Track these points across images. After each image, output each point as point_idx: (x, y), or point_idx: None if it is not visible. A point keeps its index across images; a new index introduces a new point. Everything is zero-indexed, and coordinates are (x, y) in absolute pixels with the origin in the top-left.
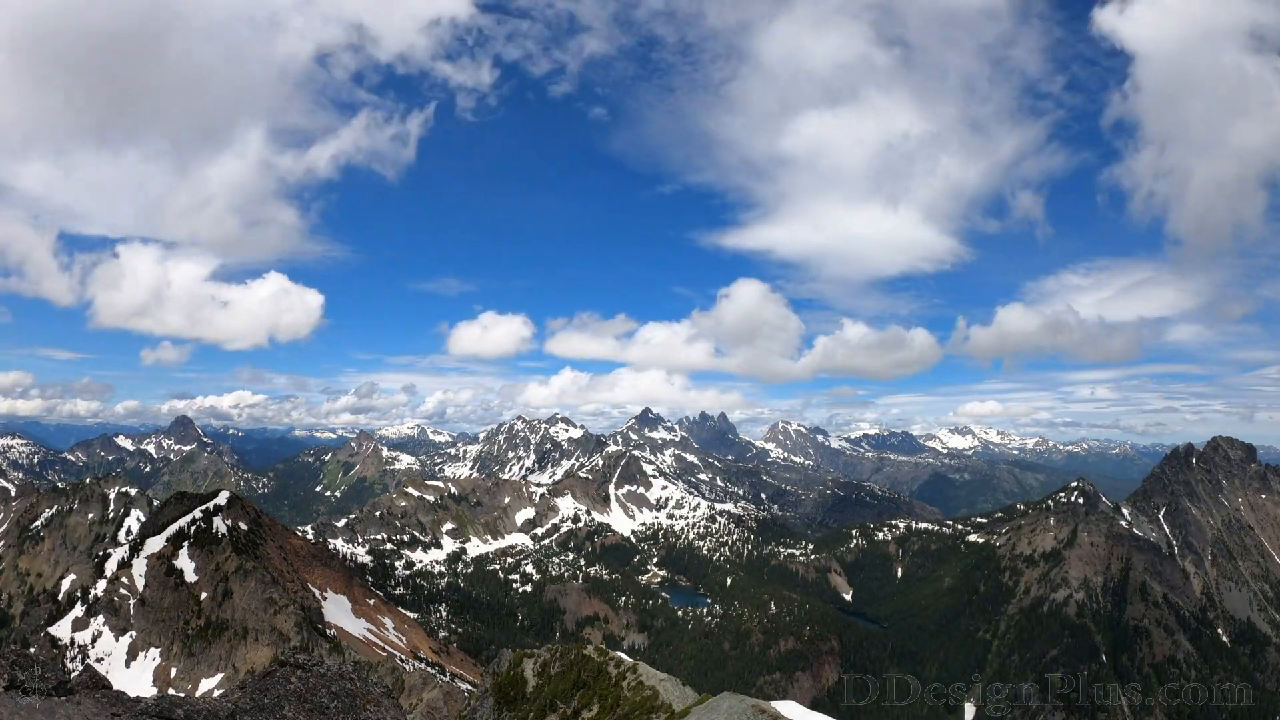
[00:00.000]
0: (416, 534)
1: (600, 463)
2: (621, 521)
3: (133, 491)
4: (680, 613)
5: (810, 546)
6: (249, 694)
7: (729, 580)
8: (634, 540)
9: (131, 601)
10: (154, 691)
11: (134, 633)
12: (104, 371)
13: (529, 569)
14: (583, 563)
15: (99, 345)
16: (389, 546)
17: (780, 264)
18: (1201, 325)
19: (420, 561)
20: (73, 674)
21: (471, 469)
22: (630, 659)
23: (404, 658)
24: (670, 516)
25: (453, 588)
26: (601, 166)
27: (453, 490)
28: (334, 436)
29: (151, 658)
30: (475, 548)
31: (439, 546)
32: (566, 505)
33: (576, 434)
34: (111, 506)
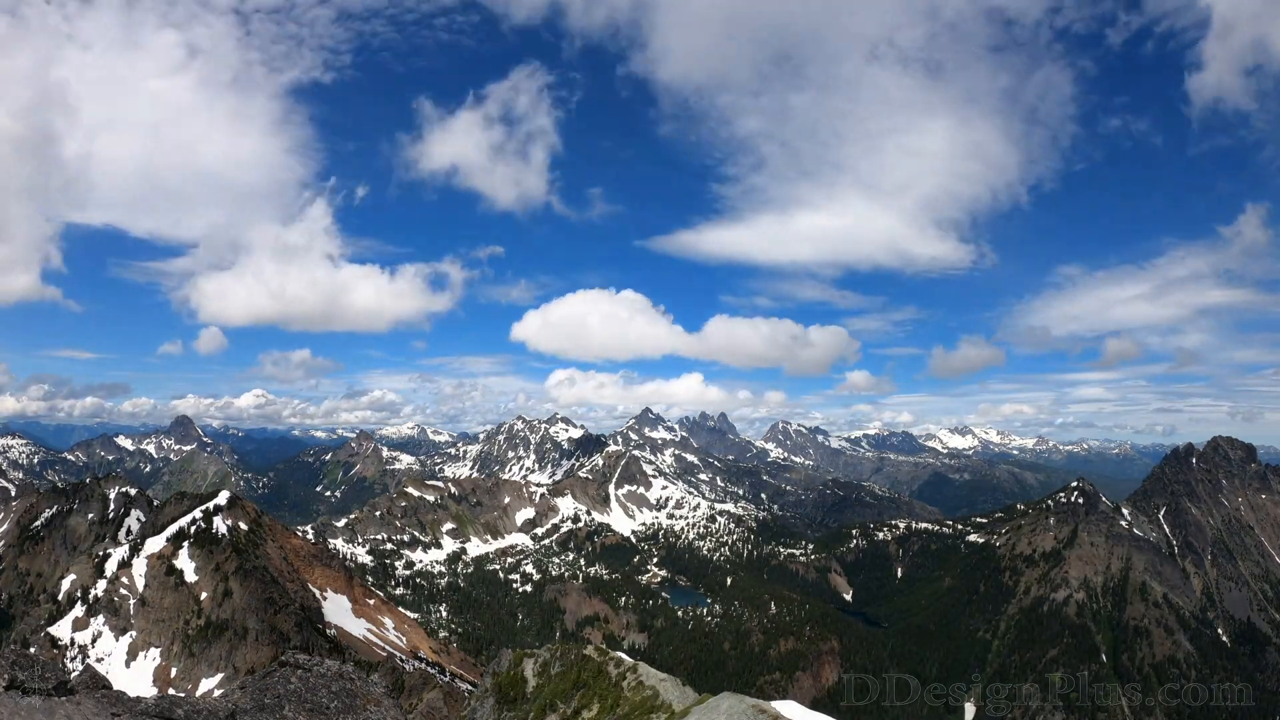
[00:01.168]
0: (416, 534)
1: (600, 463)
2: (621, 521)
3: (133, 491)
4: (680, 613)
5: (810, 546)
6: (249, 694)
7: (729, 580)
8: (634, 540)
9: (131, 601)
10: (154, 691)
11: (134, 633)
12: (124, 371)
13: (529, 569)
14: (583, 563)
15: (114, 343)
16: (389, 546)
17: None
18: (1203, 326)
19: (420, 561)
20: (73, 674)
21: (471, 469)
22: (630, 659)
23: (404, 658)
24: (670, 516)
25: (453, 588)
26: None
27: (453, 490)
28: (334, 436)
29: (151, 658)
30: (475, 548)
31: (439, 546)
32: (566, 505)
33: (576, 434)
34: (111, 506)
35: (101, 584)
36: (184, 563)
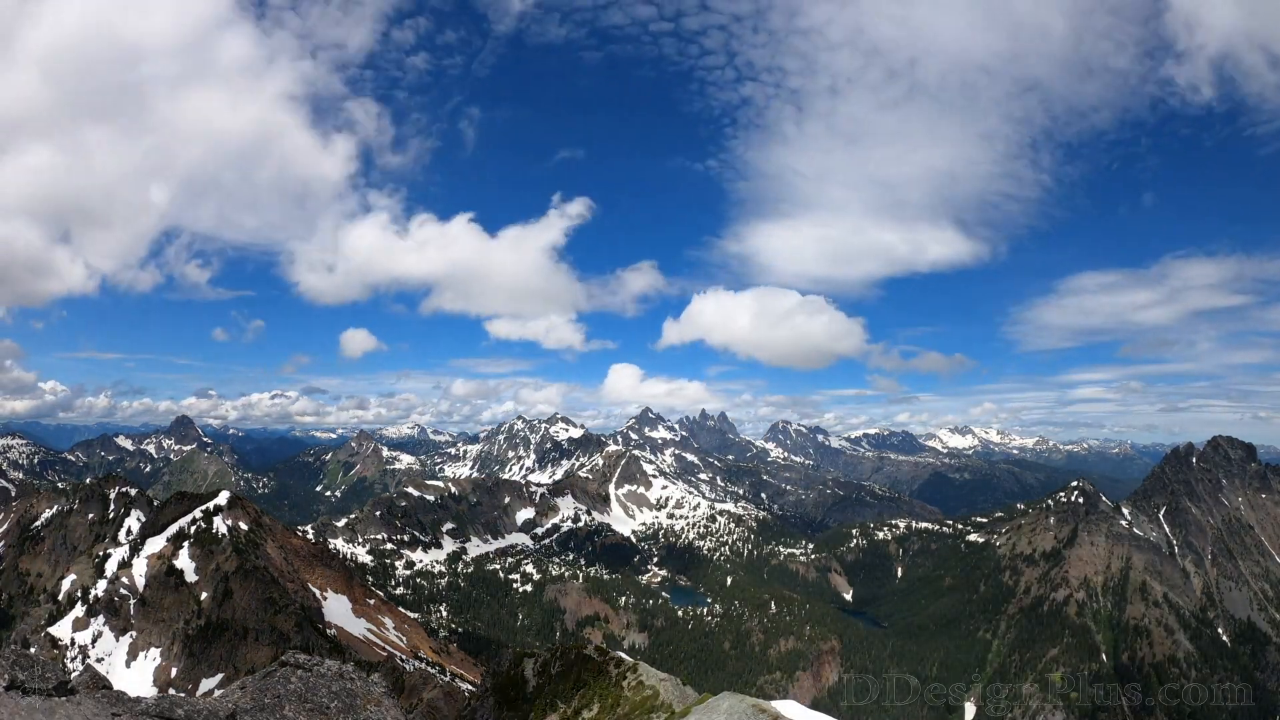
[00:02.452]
0: (416, 534)
1: (600, 462)
2: (622, 521)
3: (133, 491)
4: (680, 613)
5: (810, 546)
6: (249, 694)
7: (729, 580)
8: (634, 540)
9: (132, 601)
10: (154, 691)
11: (134, 633)
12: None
13: (529, 569)
14: (583, 562)
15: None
16: (389, 546)
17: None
18: (1207, 329)
19: (420, 561)
20: (73, 674)
21: (472, 469)
22: (630, 659)
23: (404, 658)
24: (670, 516)
25: (453, 588)
26: None
27: (453, 490)
28: (334, 436)
29: (151, 658)
30: (475, 548)
31: (439, 546)
32: (566, 505)
33: (576, 434)
34: (111, 506)
35: (102, 584)
36: (184, 563)
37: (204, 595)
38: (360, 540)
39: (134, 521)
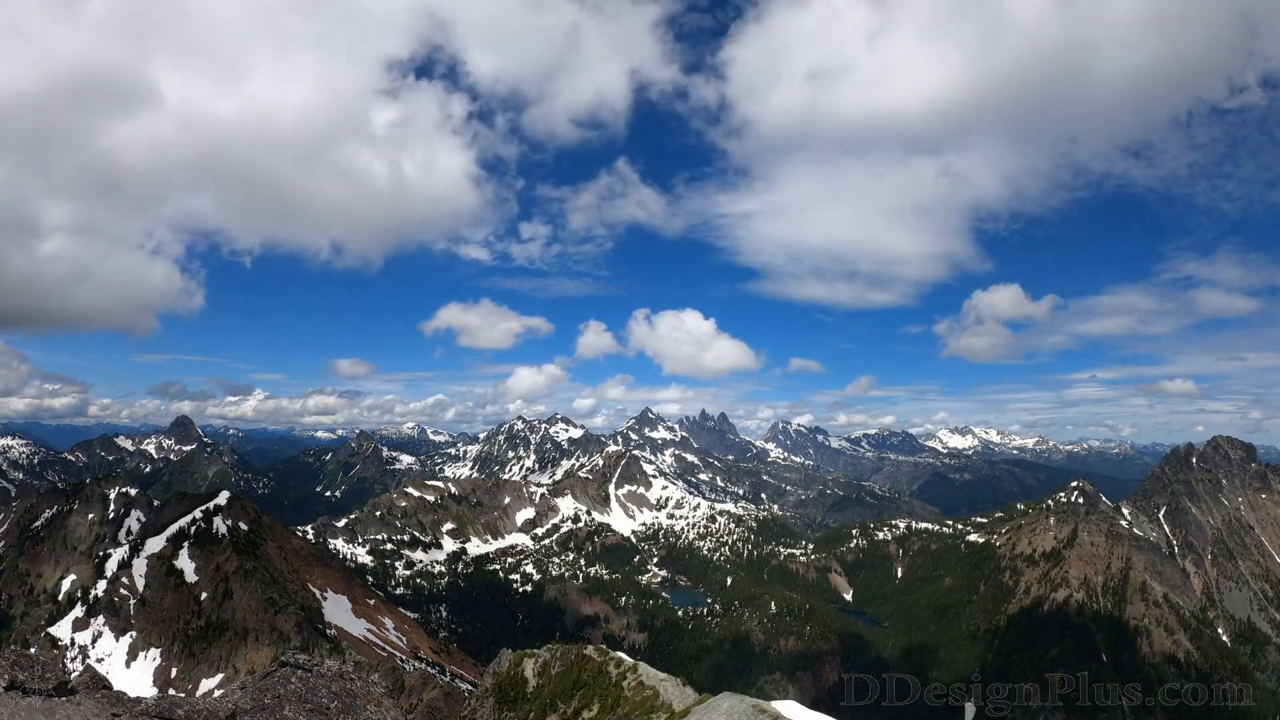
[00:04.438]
0: (416, 534)
1: (600, 463)
2: (622, 521)
3: (133, 492)
4: (680, 613)
5: (810, 546)
6: (249, 694)
7: (729, 580)
8: (634, 540)
9: (132, 602)
10: (154, 692)
11: (134, 633)
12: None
13: (529, 569)
14: (583, 563)
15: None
16: (389, 546)
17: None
18: (1205, 329)
19: (420, 561)
20: (73, 674)
21: (471, 469)
22: (630, 659)
23: (404, 658)
24: (670, 516)
25: (453, 588)
26: None
27: (453, 490)
28: (334, 436)
29: (152, 658)
30: (475, 548)
31: (439, 546)
32: (566, 505)
33: (576, 434)
34: (112, 507)
35: (102, 584)
36: (184, 563)
37: (204, 595)
38: (360, 540)
39: (134, 522)
